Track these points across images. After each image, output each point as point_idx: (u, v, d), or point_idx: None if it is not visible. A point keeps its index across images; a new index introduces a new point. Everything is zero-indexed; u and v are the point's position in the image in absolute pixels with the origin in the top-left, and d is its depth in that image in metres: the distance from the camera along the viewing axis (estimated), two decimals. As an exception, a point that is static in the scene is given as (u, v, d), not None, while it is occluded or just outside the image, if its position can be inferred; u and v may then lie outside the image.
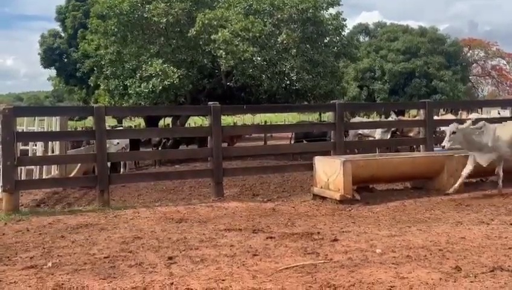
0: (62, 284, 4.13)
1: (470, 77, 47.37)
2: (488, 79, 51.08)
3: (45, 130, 12.03)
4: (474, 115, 23.09)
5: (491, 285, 3.92)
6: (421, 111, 10.85)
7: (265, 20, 17.21)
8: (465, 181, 8.78)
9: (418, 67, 36.61)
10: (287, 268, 4.43)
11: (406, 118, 25.54)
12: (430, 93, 35.01)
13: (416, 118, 17.88)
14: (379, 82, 37.52)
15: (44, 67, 33.52)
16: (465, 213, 6.98)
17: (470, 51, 47.94)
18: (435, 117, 15.76)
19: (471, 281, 4.01)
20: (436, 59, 37.37)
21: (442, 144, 8.01)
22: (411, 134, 16.07)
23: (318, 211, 7.51)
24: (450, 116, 22.67)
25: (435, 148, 10.69)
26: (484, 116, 23.23)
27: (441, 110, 29.79)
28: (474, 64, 49.09)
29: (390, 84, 37.14)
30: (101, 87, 20.18)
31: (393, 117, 17.46)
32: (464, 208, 7.32)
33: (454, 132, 7.90)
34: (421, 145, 10.96)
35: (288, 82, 18.41)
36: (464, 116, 22.73)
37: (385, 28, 42.73)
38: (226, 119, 27.20)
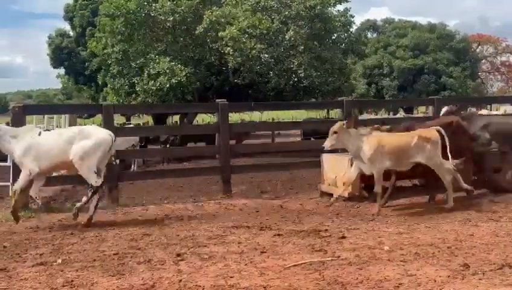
0: (72, 280, 4.16)
1: (479, 73, 47.08)
2: (498, 75, 50.75)
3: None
4: (483, 112, 22.97)
5: (499, 282, 3.91)
6: (430, 108, 10.79)
7: (273, 17, 17.20)
8: (474, 178, 8.72)
9: (427, 63, 36.44)
10: (294, 265, 4.43)
11: (414, 114, 25.46)
12: (439, 90, 34.83)
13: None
14: (387, 79, 37.38)
15: (54, 67, 33.71)
16: (474, 210, 6.95)
17: (479, 47, 47.63)
18: (444, 114, 15.67)
19: (480, 279, 3.99)
20: (445, 55, 37.18)
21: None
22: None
23: (326, 208, 7.51)
24: (459, 113, 22.53)
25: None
26: (494, 112, 23.08)
27: (450, 107, 29.61)
28: (484, 61, 48.76)
29: (398, 80, 36.99)
30: (108, 86, 20.28)
31: (401, 114, 17.40)
32: (473, 205, 7.29)
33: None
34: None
35: (295, 79, 18.38)
36: (473, 113, 22.61)
37: (393, 24, 42.58)
38: (234, 117, 27.14)
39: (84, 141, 6.50)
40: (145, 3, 17.09)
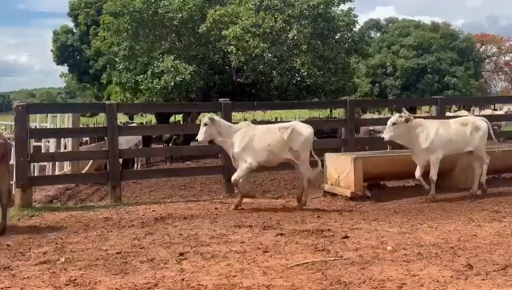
0: (75, 279, 4.17)
1: (483, 73, 46.96)
2: (501, 75, 50.65)
3: (57, 126, 12.14)
4: (487, 112, 22.91)
5: (502, 283, 3.90)
6: (433, 107, 10.77)
7: (276, 16, 17.18)
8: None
9: (430, 63, 36.34)
10: (297, 265, 4.43)
11: (418, 114, 25.38)
12: (442, 89, 34.75)
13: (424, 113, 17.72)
14: (391, 78, 37.30)
15: (57, 64, 33.76)
16: (477, 210, 6.94)
17: (483, 47, 47.53)
18: (448, 113, 15.64)
19: (483, 279, 3.99)
20: (448, 55, 37.09)
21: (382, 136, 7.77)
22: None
23: (329, 207, 7.51)
24: (463, 113, 22.48)
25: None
26: (498, 112, 23.02)
27: (454, 107, 29.58)
28: (487, 60, 48.65)
29: (402, 80, 36.90)
30: (114, 81, 20.27)
31: (405, 113, 17.35)
32: (476, 205, 7.27)
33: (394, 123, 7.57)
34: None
35: (299, 78, 18.37)
36: (476, 113, 22.56)
37: (397, 24, 42.46)
38: (237, 116, 27.10)
39: None
40: (152, 0, 17.10)
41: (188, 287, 3.95)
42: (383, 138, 7.72)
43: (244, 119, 27.93)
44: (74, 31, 32.93)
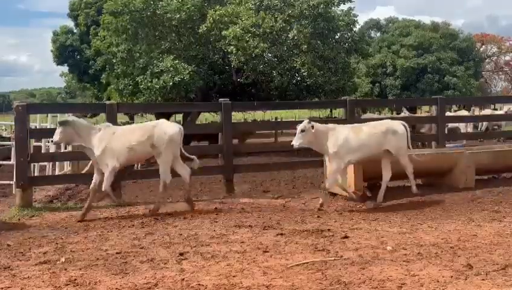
0: (75, 279, 4.18)
1: (483, 73, 46.94)
2: (501, 75, 50.65)
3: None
4: (487, 111, 22.92)
5: (502, 283, 3.90)
6: (433, 107, 10.77)
7: (276, 16, 17.17)
8: (477, 178, 8.70)
9: (430, 62, 36.32)
10: (297, 265, 4.44)
11: (418, 114, 25.40)
12: (442, 89, 34.73)
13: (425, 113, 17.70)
14: (391, 78, 37.29)
15: (57, 64, 33.74)
16: (477, 210, 6.94)
17: (483, 46, 47.51)
18: (448, 113, 15.66)
19: (483, 279, 3.99)
20: (448, 54, 37.08)
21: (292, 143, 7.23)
22: (423, 130, 15.94)
23: (329, 207, 7.51)
24: (463, 112, 22.48)
25: (447, 145, 10.65)
26: (498, 112, 23.01)
27: (454, 106, 29.56)
28: (487, 60, 48.64)
29: (402, 80, 36.89)
30: (111, 86, 20.30)
31: (405, 113, 17.35)
32: (476, 205, 7.28)
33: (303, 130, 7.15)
34: (433, 142, 10.89)
35: (299, 78, 18.35)
36: (476, 112, 22.57)
37: (397, 23, 42.43)
38: (237, 116, 27.13)
39: None
40: (151, 1, 17.10)
41: (188, 287, 3.96)
42: (292, 145, 7.23)
43: (244, 120, 27.96)
44: (74, 31, 32.90)
